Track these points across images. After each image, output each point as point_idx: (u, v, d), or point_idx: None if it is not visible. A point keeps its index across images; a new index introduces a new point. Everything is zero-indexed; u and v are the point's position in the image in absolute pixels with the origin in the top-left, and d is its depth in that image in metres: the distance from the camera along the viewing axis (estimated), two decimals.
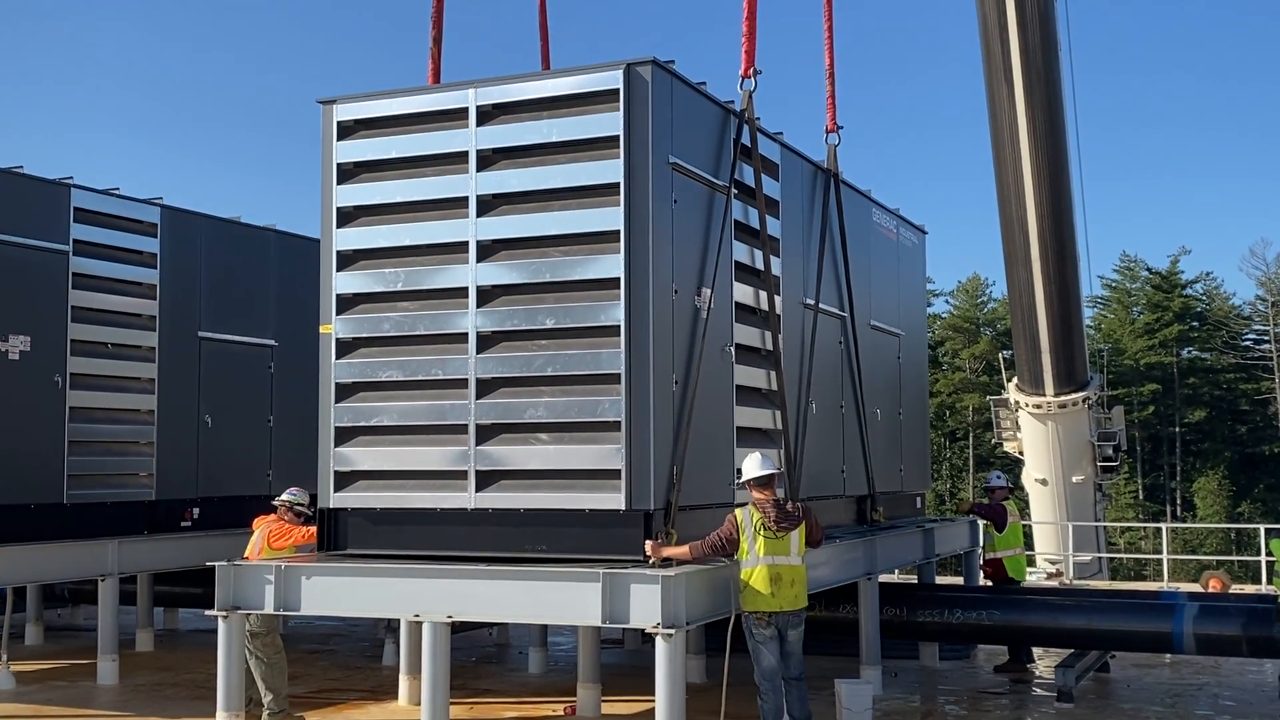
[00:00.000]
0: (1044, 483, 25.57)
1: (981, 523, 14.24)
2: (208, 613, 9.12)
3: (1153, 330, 72.87)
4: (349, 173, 9.28)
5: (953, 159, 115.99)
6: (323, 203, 9.33)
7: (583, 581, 8.00)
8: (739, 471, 9.17)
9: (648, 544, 8.21)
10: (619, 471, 8.22)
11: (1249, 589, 19.84)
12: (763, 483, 8.89)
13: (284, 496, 10.61)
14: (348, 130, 9.29)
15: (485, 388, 8.70)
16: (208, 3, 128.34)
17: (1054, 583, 22.04)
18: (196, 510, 13.82)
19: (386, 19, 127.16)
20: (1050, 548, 25.21)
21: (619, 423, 8.23)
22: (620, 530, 8.27)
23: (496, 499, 8.62)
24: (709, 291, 8.98)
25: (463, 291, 8.81)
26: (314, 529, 9.81)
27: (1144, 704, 11.54)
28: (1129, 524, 59.75)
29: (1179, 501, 69.58)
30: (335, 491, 9.13)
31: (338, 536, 9.20)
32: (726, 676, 8.78)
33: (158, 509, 13.38)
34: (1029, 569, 19.79)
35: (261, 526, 10.39)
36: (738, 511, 8.76)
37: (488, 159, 8.83)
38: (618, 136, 8.36)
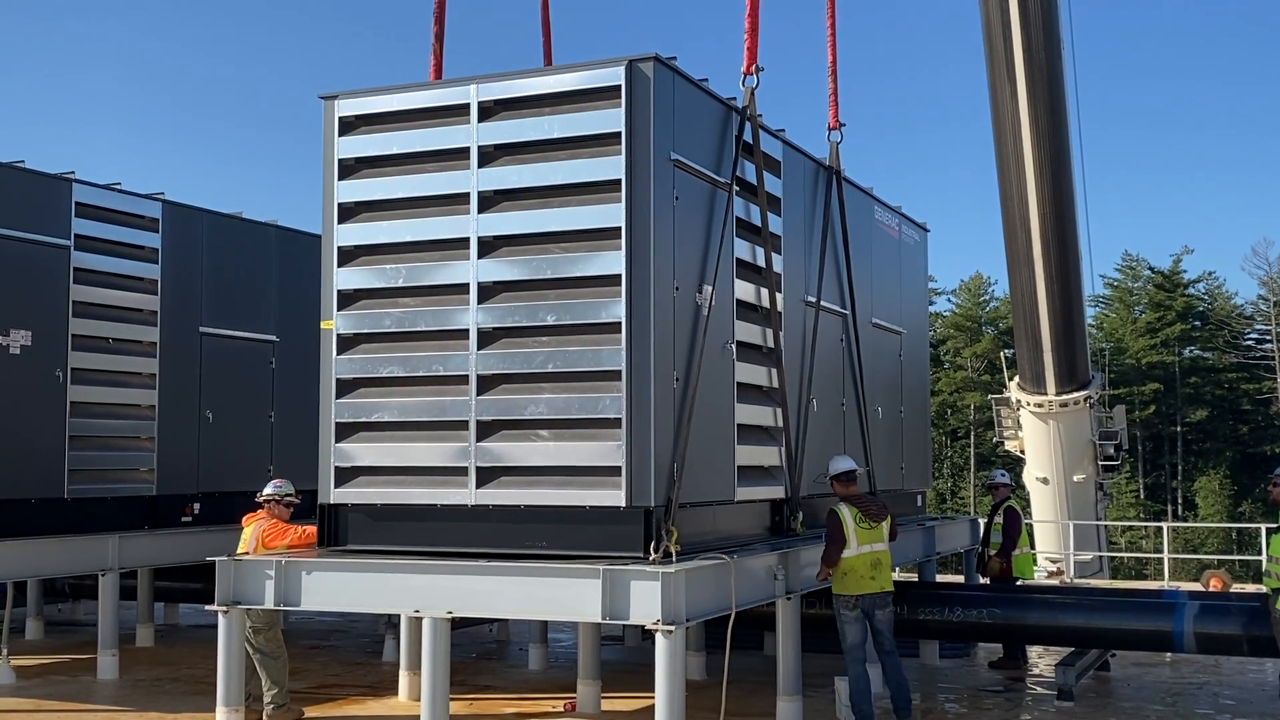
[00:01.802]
0: (1045, 481, 25.57)
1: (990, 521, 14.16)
2: (208, 608, 9.12)
3: (1155, 329, 72.91)
4: (350, 168, 9.27)
5: (955, 157, 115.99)
6: (324, 198, 9.32)
7: (583, 578, 7.99)
8: (826, 468, 10.28)
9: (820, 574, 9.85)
10: (620, 468, 8.21)
11: (1250, 588, 19.82)
12: (848, 480, 10.12)
13: (268, 491, 10.49)
14: (349, 126, 9.28)
15: (486, 384, 8.69)
16: None
17: (1054, 581, 22.05)
18: (197, 505, 13.83)
19: (388, 14, 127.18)
20: (1051, 546, 25.21)
21: (620, 419, 8.22)
22: (621, 527, 8.26)
23: (497, 495, 8.62)
24: (710, 289, 8.97)
25: (464, 288, 8.80)
26: (311, 529, 9.79)
27: (1144, 703, 11.54)
28: (1130, 523, 59.77)
29: (1180, 501, 69.61)
30: (336, 487, 9.12)
31: (338, 532, 9.19)
32: (727, 674, 8.78)
33: (158, 504, 13.39)
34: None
35: (253, 525, 10.33)
36: (837, 509, 9.90)
37: (489, 155, 8.81)
38: (619, 133, 8.35)
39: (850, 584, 9.86)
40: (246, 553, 9.92)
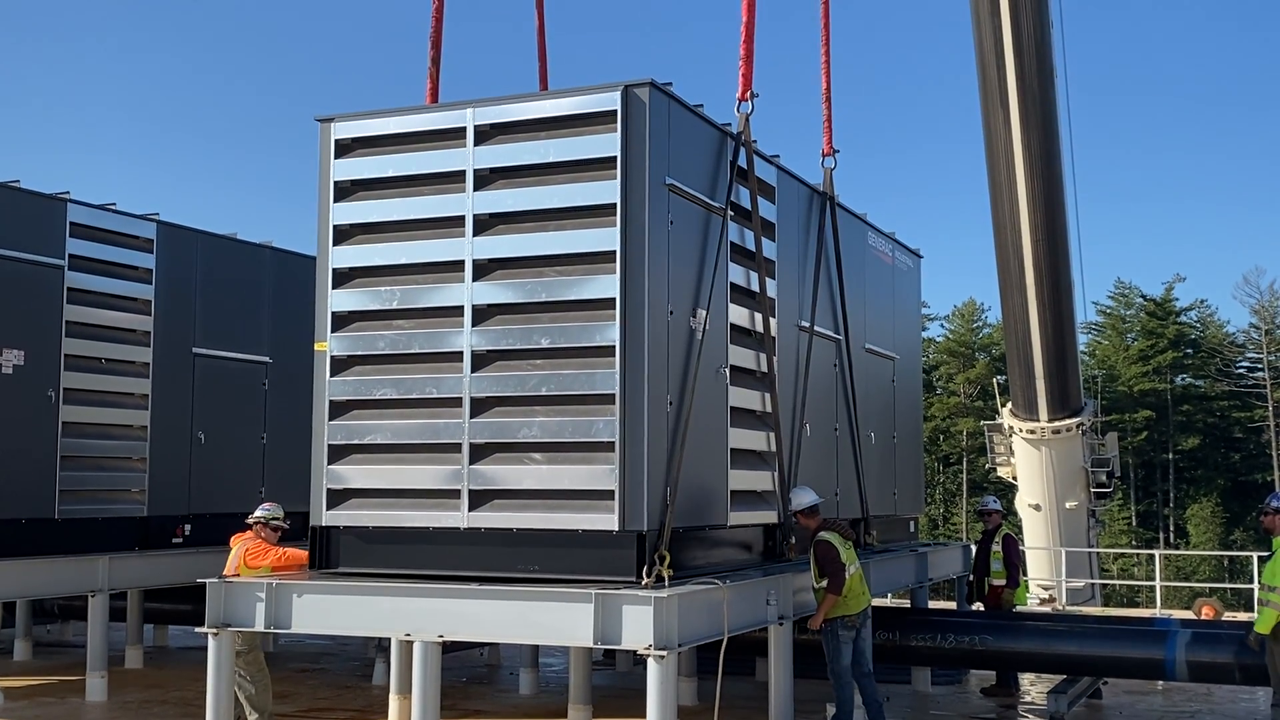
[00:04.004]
0: (1037, 508, 25.58)
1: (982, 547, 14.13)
2: (198, 630, 9.08)
3: (1147, 357, 73.09)
4: (346, 191, 9.29)
5: (949, 183, 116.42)
6: (319, 220, 9.34)
7: (575, 602, 7.98)
8: (791, 500, 10.12)
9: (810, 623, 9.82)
10: (612, 492, 8.20)
11: (1242, 616, 19.81)
12: (812, 513, 10.04)
13: (258, 513, 10.47)
14: (345, 148, 9.30)
15: (479, 407, 8.69)
16: (207, 20, 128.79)
17: (1047, 608, 22.00)
18: (188, 527, 13.79)
19: (385, 38, 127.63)
20: (1043, 573, 25.18)
21: (613, 443, 8.21)
22: (613, 551, 8.25)
23: (489, 518, 8.60)
24: (704, 313, 8.99)
25: (458, 310, 8.80)
26: (290, 551, 9.77)
27: None
28: (1122, 550, 59.76)
29: (1172, 528, 69.64)
30: (328, 509, 9.10)
31: (330, 554, 9.17)
32: (719, 699, 8.76)
33: (149, 525, 13.34)
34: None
35: (238, 545, 10.30)
36: (828, 538, 9.80)
37: (485, 178, 8.84)
38: (615, 157, 8.37)
39: (851, 604, 9.93)
40: (235, 574, 9.89)
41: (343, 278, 9.24)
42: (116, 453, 13.05)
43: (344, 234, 9.26)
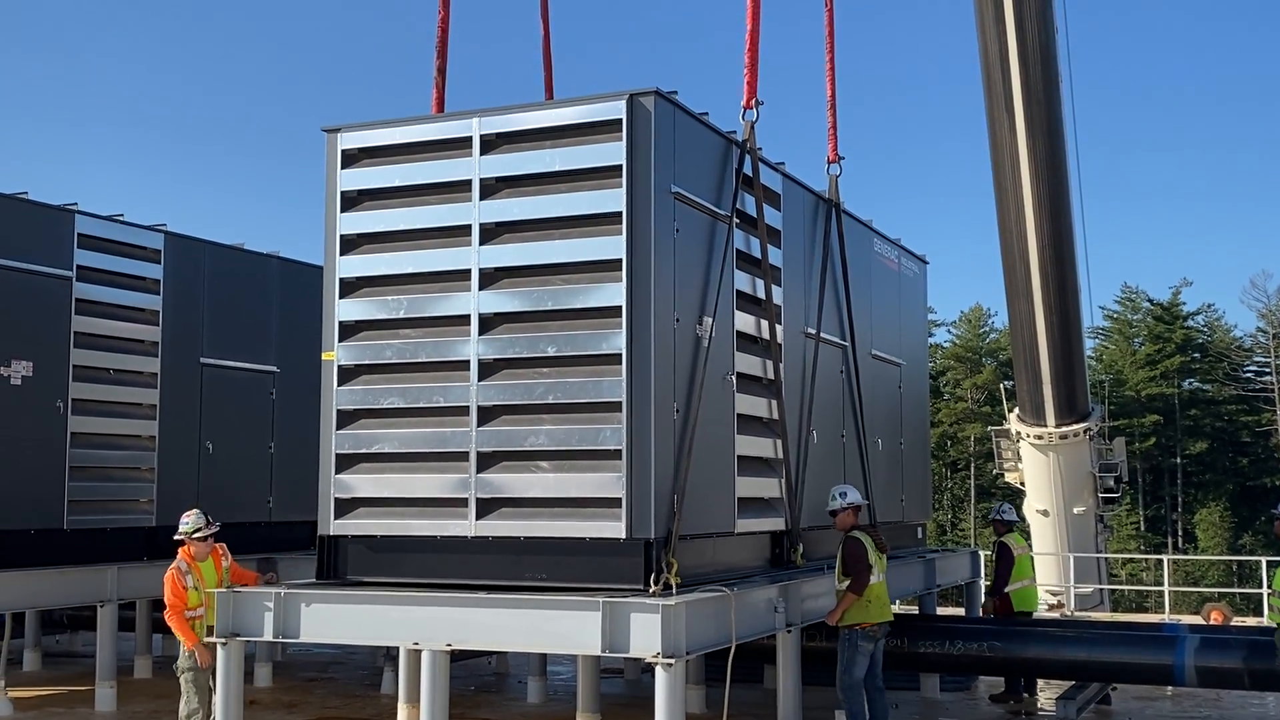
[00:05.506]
0: (1045, 514, 25.52)
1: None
2: (206, 640, 9.09)
3: (1154, 361, 72.92)
4: (353, 200, 9.31)
5: (955, 189, 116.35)
6: (326, 230, 9.36)
7: (582, 610, 7.97)
8: (838, 496, 10.20)
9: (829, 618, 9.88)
10: (620, 500, 8.20)
11: (1250, 621, 19.76)
12: (857, 511, 10.20)
13: (180, 530, 10.07)
14: (352, 158, 9.33)
15: (486, 415, 8.70)
16: (214, 32, 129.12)
17: (1055, 614, 21.97)
18: None
19: (391, 48, 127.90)
20: (1051, 579, 25.12)
21: (620, 451, 8.22)
22: (621, 559, 8.25)
23: (497, 527, 8.61)
24: (710, 320, 8.99)
25: (465, 319, 8.82)
26: (174, 609, 9.48)
27: None
28: (1130, 555, 59.59)
29: (1180, 533, 69.43)
30: (335, 519, 9.11)
31: (338, 564, 9.18)
32: (727, 707, 8.75)
33: (158, 535, 13.33)
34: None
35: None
36: (859, 537, 9.94)
37: (491, 187, 8.86)
38: (620, 166, 8.39)
39: (874, 611, 9.93)
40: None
41: (350, 287, 9.26)
42: (125, 463, 13.07)
43: (351, 243, 9.28)
